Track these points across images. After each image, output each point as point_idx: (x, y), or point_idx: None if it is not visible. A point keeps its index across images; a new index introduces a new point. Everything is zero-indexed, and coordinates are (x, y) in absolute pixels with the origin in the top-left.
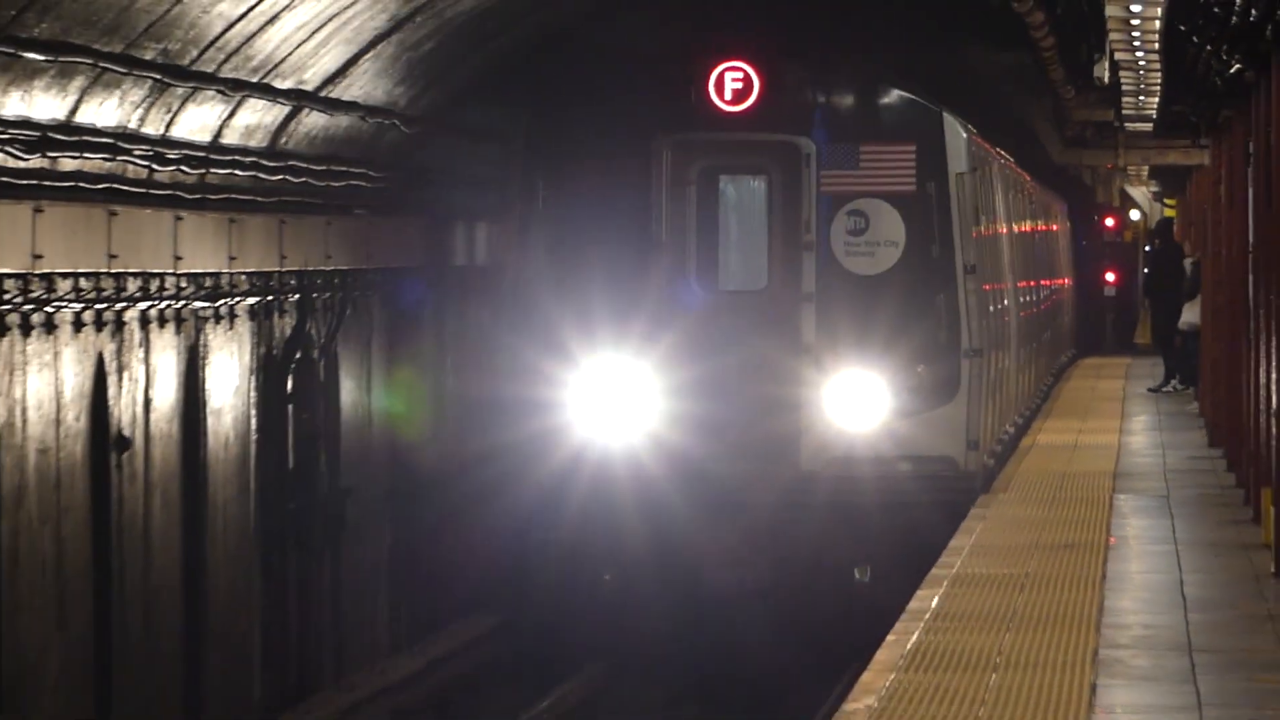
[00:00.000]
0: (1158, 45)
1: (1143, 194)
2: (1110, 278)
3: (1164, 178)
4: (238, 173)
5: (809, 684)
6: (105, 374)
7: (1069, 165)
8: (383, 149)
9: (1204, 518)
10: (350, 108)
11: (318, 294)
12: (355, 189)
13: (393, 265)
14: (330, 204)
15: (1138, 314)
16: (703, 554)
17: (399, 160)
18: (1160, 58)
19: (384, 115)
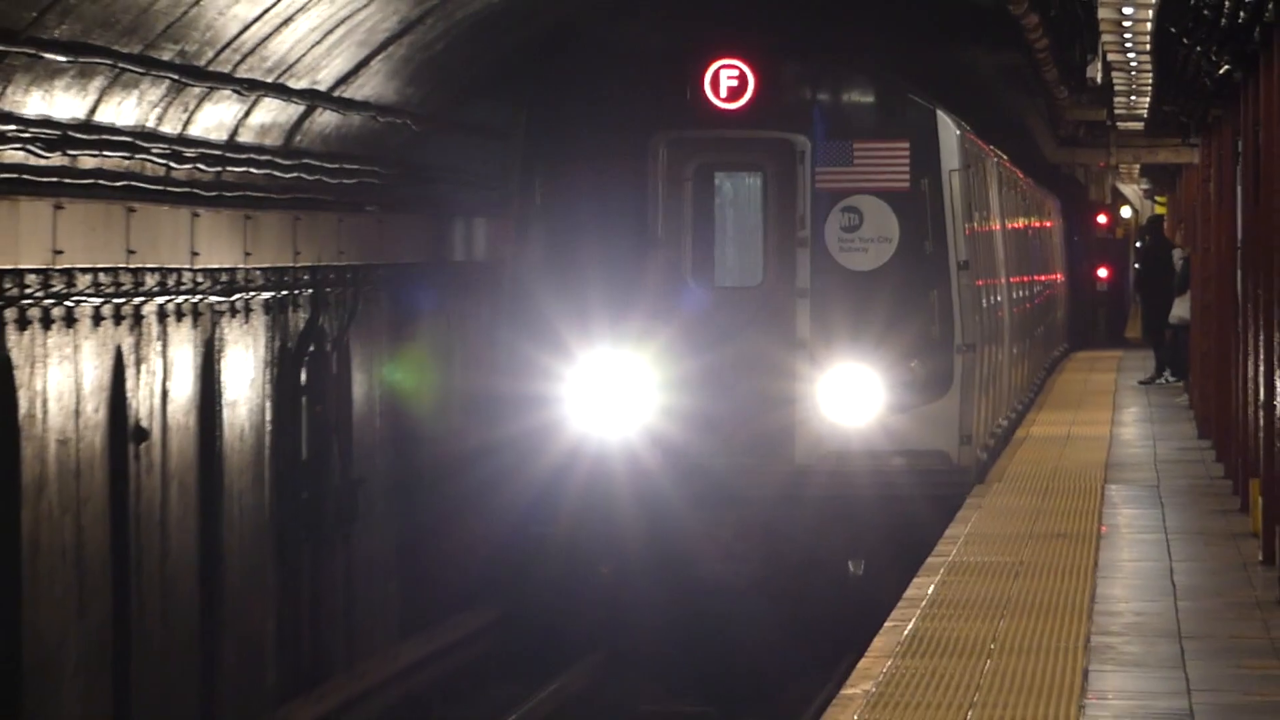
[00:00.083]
0: (1149, 47)
1: (1134, 192)
2: (1102, 273)
3: (1155, 176)
4: (253, 170)
5: (804, 674)
6: (124, 367)
7: (1062, 163)
8: (392, 147)
9: (1193, 507)
10: (362, 107)
11: (330, 289)
12: (366, 186)
13: (402, 261)
14: (342, 201)
15: (1129, 309)
16: (698, 547)
17: (407, 158)
18: (1151, 59)
19: (394, 114)
